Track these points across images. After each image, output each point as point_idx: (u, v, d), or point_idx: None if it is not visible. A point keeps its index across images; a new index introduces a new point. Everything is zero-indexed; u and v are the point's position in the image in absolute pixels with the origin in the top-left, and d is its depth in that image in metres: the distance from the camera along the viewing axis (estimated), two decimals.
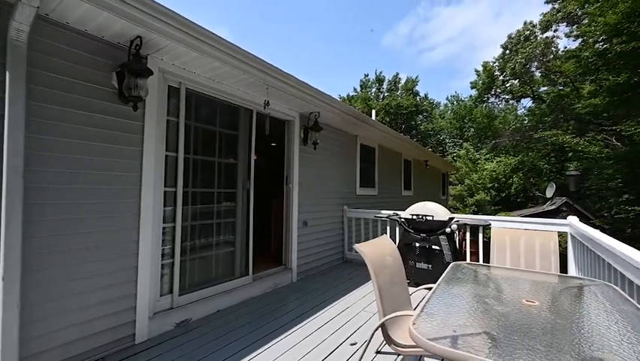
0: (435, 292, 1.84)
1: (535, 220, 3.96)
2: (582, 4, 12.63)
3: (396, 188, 8.11)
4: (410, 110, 26.14)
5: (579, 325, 1.51)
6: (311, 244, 4.63)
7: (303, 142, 4.54)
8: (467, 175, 21.83)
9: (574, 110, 15.01)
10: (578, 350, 1.18)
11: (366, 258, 2.09)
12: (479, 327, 1.42)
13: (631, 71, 10.01)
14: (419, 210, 4.33)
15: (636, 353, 1.15)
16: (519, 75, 19.97)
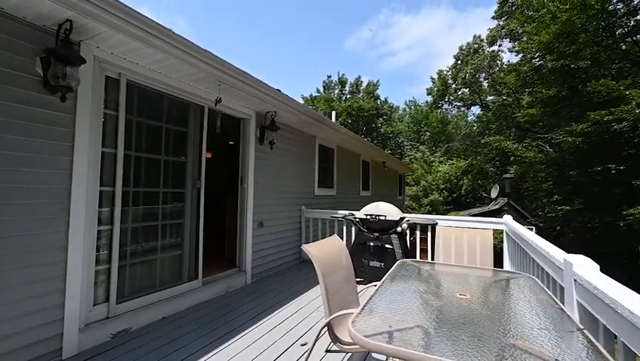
0: (378, 290, 1.90)
1: (476, 219, 4.28)
2: (522, 23, 13.95)
3: (355, 188, 8.30)
4: (371, 112, 27.00)
5: (501, 314, 1.65)
6: (267, 245, 4.57)
7: (260, 141, 4.46)
8: (423, 177, 23.08)
9: (515, 119, 16.52)
10: (498, 338, 1.28)
11: (313, 258, 2.10)
12: (414, 322, 1.49)
13: (560, 85, 11.27)
14: (373, 211, 4.47)
15: (546, 338, 1.28)
16: (469, 84, 21.53)
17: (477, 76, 21.20)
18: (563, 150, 11.61)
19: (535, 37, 11.08)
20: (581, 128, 9.53)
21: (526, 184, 17.84)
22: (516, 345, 1.23)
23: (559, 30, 10.09)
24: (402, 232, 4.37)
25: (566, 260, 1.67)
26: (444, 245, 3.27)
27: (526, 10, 14.19)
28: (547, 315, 1.54)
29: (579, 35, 10.12)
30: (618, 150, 9.45)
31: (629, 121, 8.40)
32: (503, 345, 1.24)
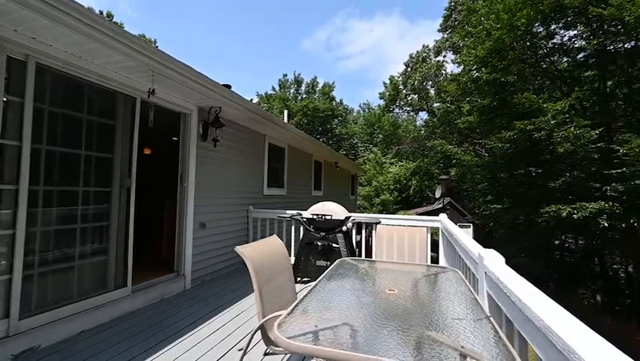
0: (313, 290, 1.90)
1: (415, 218, 4.53)
2: (462, 37, 15.20)
3: (307, 188, 8.32)
4: (326, 113, 27.38)
5: (423, 307, 1.74)
6: (209, 247, 4.35)
7: (202, 138, 4.23)
8: (375, 177, 23.99)
9: (456, 125, 17.94)
10: (416, 330, 1.33)
11: (247, 259, 2.03)
12: (341, 319, 1.50)
13: (493, 96, 12.48)
14: (319, 210, 4.50)
15: (460, 327, 1.36)
16: (418, 91, 22.90)
17: (425, 83, 22.62)
18: (495, 154, 12.89)
19: (472, 51, 12.12)
20: (508, 136, 10.64)
21: (465, 185, 19.49)
22: (431, 336, 1.29)
23: (492, 46, 11.15)
24: (347, 230, 4.46)
25: (480, 254, 1.82)
26: (382, 243, 3.40)
27: (466, 26, 15.50)
28: (463, 305, 1.66)
29: (508, 52, 11.30)
30: (537, 155, 10.73)
31: (546, 130, 9.58)
32: (421, 337, 1.30)
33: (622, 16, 8.56)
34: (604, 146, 9.47)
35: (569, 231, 13.49)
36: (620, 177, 8.79)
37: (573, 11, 10.09)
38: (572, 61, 12.15)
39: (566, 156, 9.97)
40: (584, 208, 8.98)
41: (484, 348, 1.17)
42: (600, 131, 9.63)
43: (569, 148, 9.48)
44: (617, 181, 8.87)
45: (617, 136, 9.96)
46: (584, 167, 10.07)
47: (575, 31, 11.63)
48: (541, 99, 10.32)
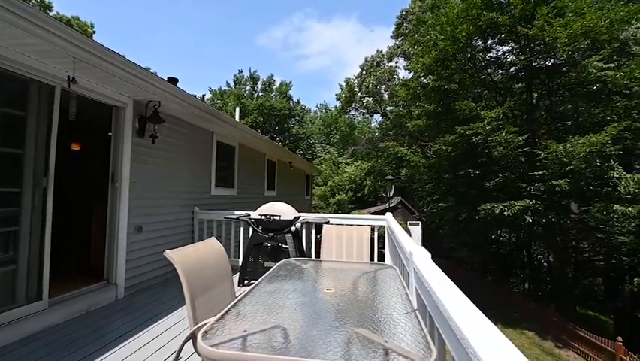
0: (250, 292, 1.84)
1: (362, 217, 4.66)
2: (412, 45, 16.08)
3: (259, 188, 8.14)
4: (283, 112, 27.16)
5: (356, 304, 1.78)
6: (147, 252, 4.03)
7: (139, 134, 3.91)
8: (330, 177, 24.38)
9: (407, 128, 18.92)
10: (347, 328, 1.33)
11: (177, 265, 1.90)
12: (273, 322, 1.47)
13: (438, 102, 13.39)
14: (268, 211, 4.42)
15: (389, 321, 1.39)
16: (372, 94, 23.72)
17: (378, 87, 23.52)
18: (440, 156, 13.83)
19: (420, 59, 12.87)
20: (451, 139, 11.48)
21: (415, 185, 20.66)
22: (359, 333, 1.31)
23: (437, 56, 11.95)
24: (296, 231, 4.44)
25: (410, 251, 1.91)
26: (328, 242, 3.43)
27: (415, 35, 16.41)
28: (394, 301, 1.72)
29: (452, 62, 12.20)
30: (476, 158, 11.74)
31: (482, 135, 10.52)
32: (351, 334, 1.32)
33: (543, 36, 9.70)
34: (529, 150, 10.67)
35: (503, 226, 14.97)
36: (541, 178, 9.96)
37: (505, 29, 11.20)
38: (505, 73, 13.50)
39: (499, 159, 11.05)
40: (513, 206, 10.02)
41: (406, 341, 1.22)
42: (526, 138, 10.82)
43: (501, 152, 10.51)
44: (539, 182, 10.04)
45: (540, 142, 11.28)
46: (514, 169, 11.25)
47: (507, 47, 12.94)
48: (479, 107, 11.31)
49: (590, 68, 9.70)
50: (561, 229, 11.66)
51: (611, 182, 9.85)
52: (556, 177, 9.48)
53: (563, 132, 11.37)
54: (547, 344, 9.56)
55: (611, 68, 9.81)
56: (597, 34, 9.36)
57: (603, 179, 9.95)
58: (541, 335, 10.02)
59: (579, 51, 10.50)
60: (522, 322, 10.91)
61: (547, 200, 10.28)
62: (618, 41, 10.20)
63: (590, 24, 9.10)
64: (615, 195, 9.72)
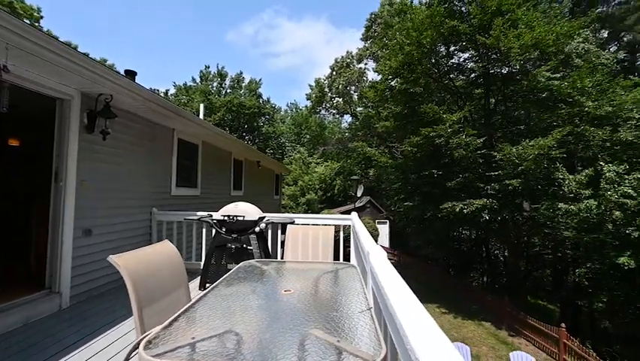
0: (204, 297, 1.76)
1: (328, 217, 4.68)
2: (380, 48, 16.48)
3: (225, 188, 7.91)
4: (253, 111, 26.60)
5: (314, 304, 1.77)
6: (97, 257, 3.74)
7: (88, 130, 3.62)
8: (300, 177, 24.33)
9: (376, 129, 19.36)
10: (301, 329, 1.31)
11: (123, 270, 1.77)
12: (225, 327, 1.42)
13: (404, 104, 13.84)
14: (231, 211, 4.29)
15: (345, 320, 1.39)
16: (342, 95, 23.99)
17: (348, 88, 23.84)
18: (406, 157, 14.31)
19: (388, 62, 13.22)
20: (416, 141, 11.92)
21: (383, 184, 21.20)
22: (313, 333, 1.29)
23: (404, 60, 12.35)
24: (261, 231, 4.36)
25: (368, 250, 1.94)
26: (292, 243, 3.40)
27: (383, 38, 16.84)
28: (352, 299, 1.73)
29: (417, 67, 12.66)
30: (439, 159, 12.29)
31: (445, 137, 11.02)
32: (305, 335, 1.30)
33: (499, 46, 10.36)
34: (486, 152, 11.35)
35: (464, 224, 15.77)
36: (496, 178, 10.64)
37: (466, 37, 11.83)
38: (466, 79, 14.27)
39: (460, 160, 11.65)
40: (472, 204, 10.60)
41: (362, 339, 1.22)
42: (484, 140, 11.50)
43: (461, 153, 11.08)
44: (494, 182, 10.71)
45: (497, 144, 12.05)
46: (473, 170, 11.91)
47: (468, 54, 13.68)
48: (442, 110, 11.84)
49: (539, 77, 10.53)
50: (514, 225, 12.55)
51: (556, 182, 10.76)
52: (509, 177, 10.18)
53: (516, 136, 12.24)
54: (502, 333, 10.24)
55: (557, 78, 10.72)
56: (545, 46, 10.17)
57: (550, 179, 10.84)
58: (497, 324, 10.71)
59: (530, 61, 11.36)
60: (480, 313, 11.58)
61: (502, 199, 11.01)
62: (563, 54, 11.16)
63: (539, 37, 9.88)
64: (560, 194, 10.63)
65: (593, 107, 10.35)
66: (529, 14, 10.60)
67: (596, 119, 10.77)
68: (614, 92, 10.81)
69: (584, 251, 12.20)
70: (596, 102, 10.46)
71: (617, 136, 10.01)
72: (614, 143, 10.34)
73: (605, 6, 18.82)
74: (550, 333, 8.95)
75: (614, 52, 14.28)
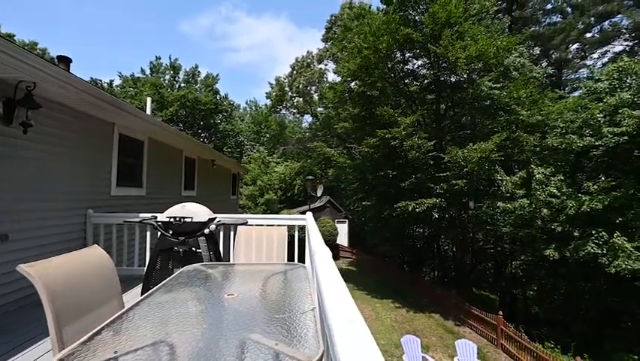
0: (136, 306, 1.62)
1: (282, 217, 4.62)
2: (339, 50, 16.76)
3: (175, 188, 7.46)
4: (209, 107, 25.39)
5: (256, 308, 1.72)
6: (12, 266, 3.29)
7: (5, 121, 3.17)
8: (259, 177, 23.84)
9: (336, 130, 19.64)
10: (239, 334, 1.27)
11: (37, 281, 1.56)
12: (155, 337, 1.32)
13: (362, 107, 14.23)
14: (178, 212, 4.03)
15: (286, 323, 1.37)
16: (302, 94, 23.99)
17: (309, 88, 23.90)
18: (364, 158, 14.72)
19: (346, 64, 13.49)
20: (373, 142, 12.31)
21: (342, 184, 21.59)
22: (252, 338, 1.23)
23: (361, 63, 12.68)
24: (211, 233, 4.16)
25: (314, 250, 1.93)
26: (241, 244, 3.30)
27: (343, 41, 17.15)
28: (298, 300, 1.71)
29: (374, 70, 13.08)
30: (394, 160, 12.82)
31: (399, 139, 11.53)
32: (243, 340, 1.23)
33: (448, 55, 11.08)
34: (436, 154, 12.08)
35: (417, 222, 16.63)
36: (445, 179, 11.37)
37: (419, 45, 12.48)
38: (420, 85, 15.06)
39: (413, 162, 12.27)
40: (423, 203, 11.21)
41: (307, 340, 1.19)
42: (434, 143, 12.23)
43: (414, 155, 11.67)
44: (443, 182, 11.44)
45: (446, 147, 12.90)
46: (424, 171, 12.61)
47: (421, 62, 14.45)
48: (397, 113, 12.37)
49: (482, 86, 11.46)
50: (461, 223, 13.53)
51: (495, 183, 11.81)
52: (456, 178, 10.94)
53: (463, 140, 13.20)
54: (449, 324, 10.97)
55: (498, 88, 11.77)
56: (487, 58, 11.10)
57: (490, 180, 11.87)
58: (445, 315, 11.44)
59: (475, 71, 12.33)
60: (430, 306, 12.29)
61: (450, 198, 11.80)
62: (503, 66, 12.28)
63: (483, 49, 10.75)
64: (499, 193, 11.68)
65: (526, 116, 11.52)
66: (474, 28, 11.49)
67: (528, 127, 12.02)
68: (543, 102, 12.14)
69: (519, 245, 13.55)
70: (529, 111, 11.66)
71: (545, 142, 11.24)
72: (543, 148, 11.61)
73: (537, 26, 21.12)
74: (490, 321, 9.78)
75: (545, 67, 16.03)
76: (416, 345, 7.78)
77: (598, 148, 9.65)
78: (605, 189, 9.41)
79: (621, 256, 8.13)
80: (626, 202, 9.14)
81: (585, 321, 11.24)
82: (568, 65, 20.71)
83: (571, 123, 10.56)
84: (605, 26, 19.53)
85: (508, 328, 9.15)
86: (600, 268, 8.83)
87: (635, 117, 8.51)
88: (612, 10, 18.06)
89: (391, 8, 12.64)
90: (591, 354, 9.19)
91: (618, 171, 10.66)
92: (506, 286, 15.72)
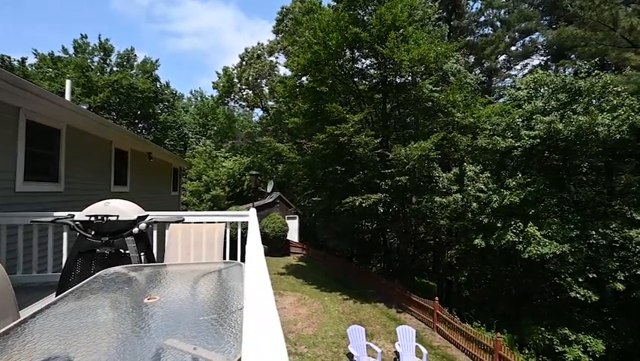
0: (31, 318, 1.38)
1: (222, 213, 4.41)
2: (291, 44, 16.54)
3: (103, 183, 6.68)
4: (147, 95, 23.14)
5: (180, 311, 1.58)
6: None
7: None
8: (205, 171, 22.57)
9: (286, 125, 19.43)
10: (157, 340, 1.18)
11: None
12: (45, 353, 1.14)
13: (311, 102, 14.26)
14: (100, 210, 3.59)
15: (209, 325, 1.29)
16: (252, 87, 23.25)
17: (259, 80, 23.25)
18: (314, 154, 14.81)
19: (296, 58, 13.36)
20: (322, 138, 12.42)
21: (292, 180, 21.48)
22: (168, 344, 1.14)
23: (311, 58, 12.66)
24: (142, 232, 3.79)
25: (247, 248, 1.85)
26: (175, 243, 3.06)
27: (293, 35, 16.95)
28: (230, 300, 1.61)
29: (324, 67, 13.16)
30: (342, 156, 13.10)
31: (347, 136, 11.80)
32: (159, 348, 1.13)
33: (393, 57, 11.59)
34: (382, 152, 12.62)
35: (364, 216, 17.24)
36: (390, 175, 11.95)
37: (367, 45, 12.85)
38: (368, 84, 15.55)
39: (361, 158, 12.66)
40: (369, 199, 11.65)
41: (222, 343, 1.12)
42: (381, 141, 12.77)
43: (362, 152, 12.04)
44: (388, 178, 12.01)
45: (392, 145, 13.53)
46: (371, 167, 13.11)
47: (369, 61, 14.92)
48: (346, 110, 12.63)
49: (424, 89, 12.23)
50: (404, 217, 14.38)
51: (434, 179, 12.75)
52: (400, 174, 11.56)
53: (407, 139, 14.00)
54: (392, 312, 11.62)
55: (437, 91, 12.66)
56: (428, 62, 11.86)
57: (429, 177, 12.77)
58: (388, 304, 12.09)
59: (418, 74, 13.11)
60: (376, 296, 12.90)
61: (394, 193, 12.45)
62: (442, 70, 13.24)
63: (424, 53, 11.45)
64: (437, 189, 12.64)
65: (461, 118, 12.60)
66: (417, 33, 12.18)
67: (462, 128, 13.16)
68: (475, 106, 13.40)
69: (454, 236, 14.86)
70: (463, 114, 12.77)
71: (476, 142, 12.44)
72: (474, 148, 12.83)
73: (472, 36, 23.21)
74: (427, 306, 10.58)
75: (477, 74, 17.70)
76: (361, 334, 8.09)
77: (517, 149, 10.95)
78: (521, 185, 10.73)
79: (533, 243, 9.36)
80: (538, 196, 10.55)
81: (506, 301, 12.77)
82: (497, 73, 23.18)
83: (497, 126, 11.83)
84: (527, 42, 22.26)
85: (443, 312, 9.99)
86: (517, 254, 10.08)
87: (545, 123, 9.82)
88: (531, 28, 20.61)
89: (341, 6, 12.81)
90: (510, 330, 10.48)
91: (533, 169, 12.25)
92: (443, 274, 17.16)
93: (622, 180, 10.54)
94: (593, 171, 11.86)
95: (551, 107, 10.41)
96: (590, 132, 9.26)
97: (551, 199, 10.39)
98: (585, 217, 10.16)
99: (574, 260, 9.33)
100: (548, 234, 9.63)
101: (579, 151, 10.45)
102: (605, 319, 10.05)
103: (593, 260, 9.42)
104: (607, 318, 10.08)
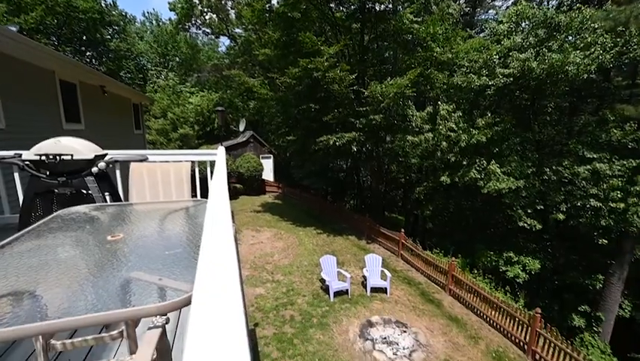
0: None
1: (188, 152, 4.22)
2: None
3: (52, 120, 6.04)
4: (91, 16, 19.72)
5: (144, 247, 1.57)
6: None
7: None
8: (169, 108, 20.98)
9: (257, 57, 17.90)
10: (121, 273, 1.19)
11: None
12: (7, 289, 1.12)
13: (283, 31, 13.01)
14: (50, 149, 3.28)
15: (175, 259, 1.31)
16: (215, 10, 20.59)
17: (223, 2, 20.55)
18: (287, 90, 14.06)
19: None
20: (295, 72, 11.67)
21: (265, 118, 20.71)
22: (132, 276, 1.16)
23: None
24: (102, 172, 3.58)
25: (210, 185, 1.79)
26: (139, 182, 2.94)
27: None
28: (196, 235, 1.60)
29: None
30: (316, 93, 12.56)
31: (322, 71, 11.16)
32: (125, 280, 1.16)
33: None
34: (357, 89, 12.21)
35: (339, 155, 17.43)
36: (364, 113, 11.78)
37: None
38: (346, 11, 14.22)
39: (336, 95, 12.22)
40: (343, 137, 11.61)
41: (187, 274, 1.17)
42: (356, 77, 12.24)
43: (337, 89, 11.57)
44: (362, 117, 11.86)
45: (368, 82, 13.06)
46: (346, 105, 12.78)
47: None
48: (320, 42, 11.71)
49: (404, 19, 11.42)
50: (377, 155, 14.66)
51: (408, 118, 12.75)
52: (374, 113, 11.42)
53: (384, 75, 13.51)
54: (362, 243, 12.60)
55: (418, 22, 11.89)
56: None
57: (404, 115, 12.75)
58: (359, 237, 13.04)
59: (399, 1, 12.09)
60: (348, 230, 13.78)
61: (368, 132, 12.45)
62: None
63: None
64: (410, 128, 12.75)
65: (439, 53, 12.17)
66: None
67: (440, 64, 12.81)
68: (455, 40, 12.87)
69: (424, 174, 15.58)
70: (442, 49, 12.30)
71: (452, 80, 12.28)
72: (450, 86, 12.71)
73: None
74: (394, 237, 11.53)
75: (461, 4, 16.64)
76: (333, 263, 8.81)
77: (491, 88, 10.98)
78: (489, 125, 11.05)
79: (492, 180, 10.05)
80: (503, 135, 11.00)
81: (464, 231, 14.15)
82: (481, 4, 21.93)
83: (474, 63, 11.59)
84: None
85: (407, 241, 10.96)
86: (478, 190, 10.86)
87: (521, 60, 9.74)
88: None
89: None
90: (464, 255, 11.82)
91: (503, 109, 12.52)
92: (411, 209, 18.42)
93: (581, 120, 11.10)
94: (557, 112, 12.34)
95: (529, 43, 10.23)
96: (561, 71, 9.36)
97: (515, 138, 10.89)
98: (542, 155, 10.89)
99: (527, 194, 10.24)
100: (508, 171, 10.32)
101: (548, 90, 10.67)
102: (544, 244, 11.54)
103: (544, 194, 10.39)
104: (546, 243, 11.58)
